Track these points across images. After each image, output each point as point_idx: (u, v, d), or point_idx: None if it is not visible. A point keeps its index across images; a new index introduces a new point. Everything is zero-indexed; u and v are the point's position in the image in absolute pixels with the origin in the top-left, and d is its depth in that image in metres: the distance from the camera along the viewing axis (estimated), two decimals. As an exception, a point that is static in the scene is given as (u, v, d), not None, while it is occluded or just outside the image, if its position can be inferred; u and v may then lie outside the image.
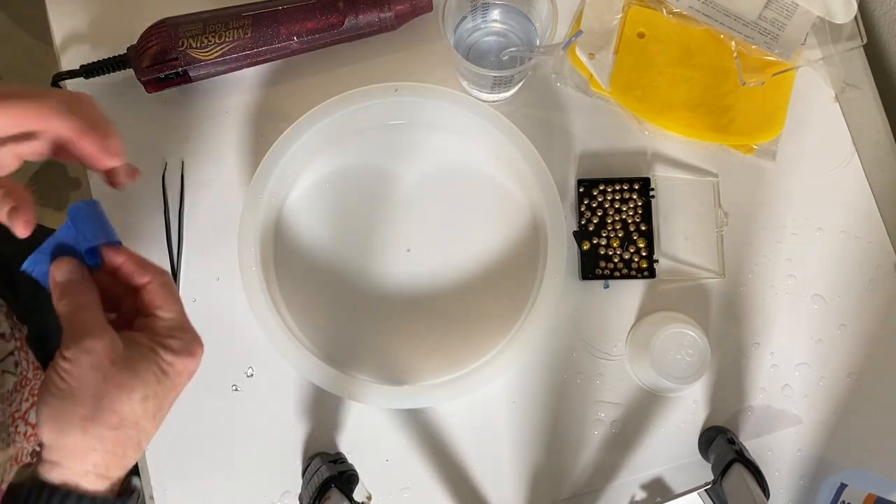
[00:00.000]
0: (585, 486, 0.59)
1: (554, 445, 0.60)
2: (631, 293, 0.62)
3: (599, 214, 0.62)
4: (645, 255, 0.61)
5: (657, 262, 0.61)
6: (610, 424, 0.60)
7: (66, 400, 0.35)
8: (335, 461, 0.56)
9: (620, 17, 0.65)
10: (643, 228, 0.61)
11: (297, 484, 0.58)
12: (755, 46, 0.63)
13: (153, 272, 0.40)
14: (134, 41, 0.60)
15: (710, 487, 0.57)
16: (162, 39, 0.58)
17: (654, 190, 0.62)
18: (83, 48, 0.64)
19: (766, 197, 0.64)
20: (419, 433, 0.60)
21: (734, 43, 0.63)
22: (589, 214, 0.62)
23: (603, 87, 0.63)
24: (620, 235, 0.61)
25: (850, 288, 0.62)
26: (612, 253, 0.61)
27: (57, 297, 0.38)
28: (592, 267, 0.61)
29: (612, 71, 0.64)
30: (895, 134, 0.66)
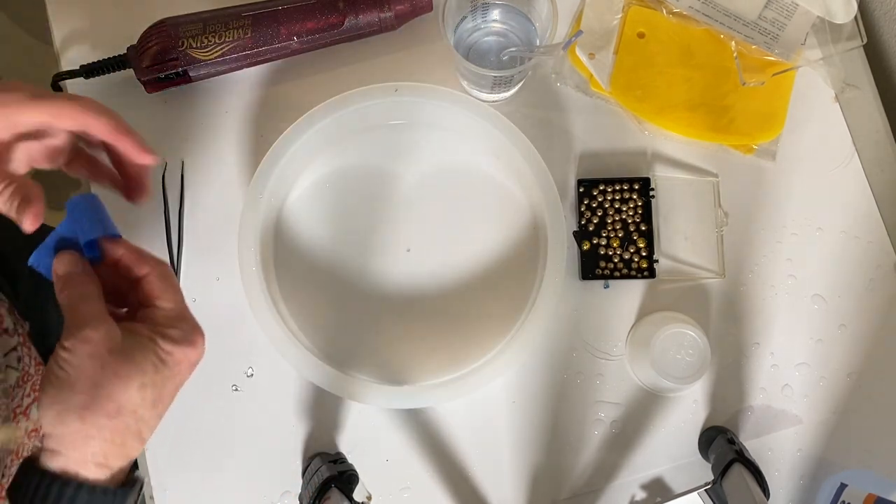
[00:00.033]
0: (585, 486, 0.59)
1: (554, 445, 0.60)
2: (631, 293, 0.62)
3: (599, 214, 0.62)
4: (645, 255, 0.61)
5: (657, 262, 0.61)
6: (610, 424, 0.60)
7: (64, 389, 0.35)
8: (335, 461, 0.56)
9: (620, 17, 0.65)
10: (643, 228, 0.61)
11: (297, 484, 0.58)
12: (755, 46, 0.63)
13: (152, 263, 0.40)
14: (134, 41, 0.60)
15: (710, 487, 0.57)
16: (162, 39, 0.58)
17: (654, 190, 0.62)
18: (83, 48, 0.64)
19: (766, 197, 0.64)
20: (419, 433, 0.60)
21: (734, 43, 0.63)
22: (589, 214, 0.62)
23: (603, 87, 0.63)
24: (620, 235, 0.61)
25: (850, 288, 0.62)
26: (612, 253, 0.61)
27: (58, 289, 0.38)
28: (592, 267, 0.61)
29: (612, 71, 0.64)
30: (895, 134, 0.66)
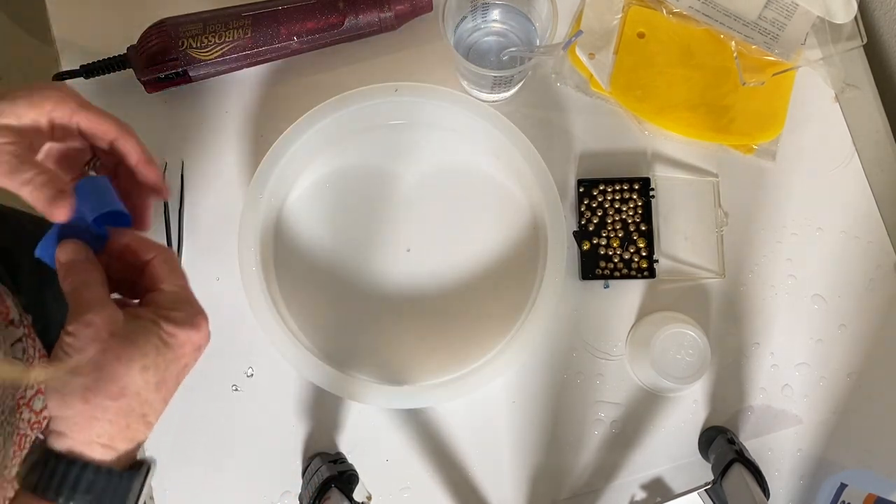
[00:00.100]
0: (585, 486, 0.59)
1: (554, 445, 0.60)
2: (631, 293, 0.62)
3: (599, 214, 0.62)
4: (645, 255, 0.61)
5: (657, 262, 0.61)
6: (610, 424, 0.60)
7: (68, 372, 0.36)
8: (335, 461, 0.56)
9: (620, 17, 0.65)
10: (643, 228, 0.61)
11: (297, 484, 0.58)
12: (755, 46, 0.63)
13: (158, 248, 0.41)
14: (134, 41, 0.60)
15: (710, 487, 0.57)
16: (162, 39, 0.58)
17: (654, 190, 0.62)
18: (83, 48, 0.64)
19: (766, 197, 0.64)
20: (419, 433, 0.60)
21: (734, 43, 0.63)
22: (589, 214, 0.62)
23: (603, 87, 0.63)
24: (620, 235, 0.61)
25: (850, 288, 0.62)
26: (612, 253, 0.61)
27: (62, 277, 0.39)
28: (592, 267, 0.61)
29: (612, 71, 0.64)
30: (895, 134, 0.66)
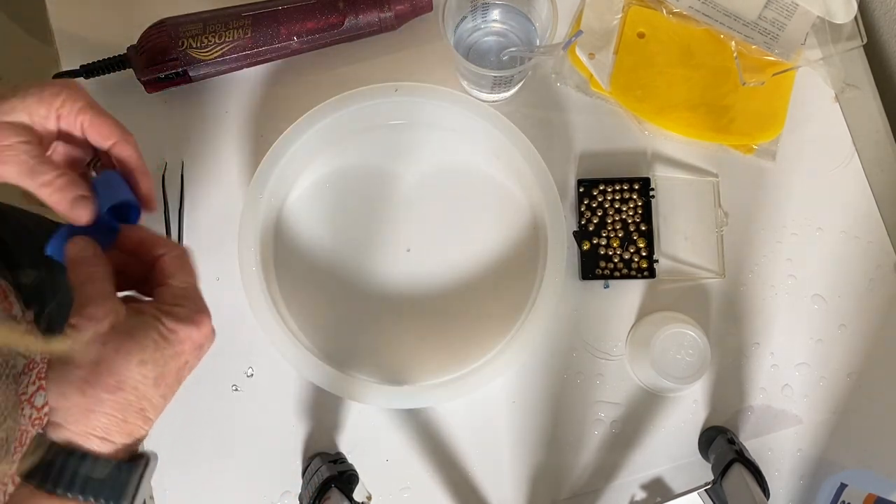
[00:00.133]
0: (585, 486, 0.59)
1: (554, 445, 0.60)
2: (631, 293, 0.62)
3: (599, 214, 0.62)
4: (645, 255, 0.61)
5: (657, 262, 0.61)
6: (610, 424, 0.60)
7: (67, 364, 0.36)
8: (335, 461, 0.56)
9: (620, 17, 0.65)
10: (643, 228, 0.61)
11: (297, 484, 0.58)
12: (755, 46, 0.63)
13: (170, 245, 0.42)
14: (134, 41, 0.60)
15: (710, 487, 0.57)
16: (162, 39, 0.58)
17: (654, 190, 0.62)
18: (83, 48, 0.64)
19: (766, 197, 0.64)
20: (419, 433, 0.60)
21: (734, 43, 0.63)
22: (589, 214, 0.62)
23: (603, 87, 0.63)
24: (620, 235, 0.61)
25: (850, 288, 0.62)
26: (612, 253, 0.61)
27: (69, 271, 0.40)
28: (592, 267, 0.61)
29: (612, 71, 0.64)
30: (895, 134, 0.66)
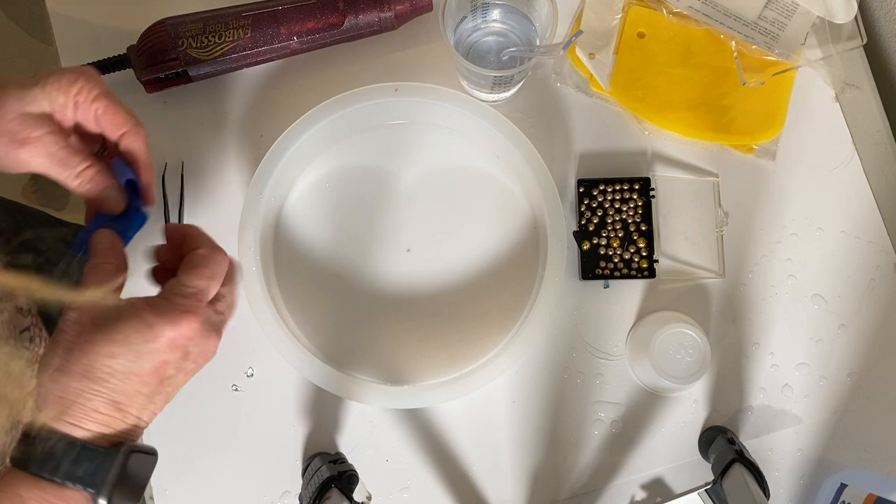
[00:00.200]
0: (585, 486, 0.59)
1: (554, 445, 0.60)
2: (631, 293, 0.62)
3: (599, 214, 0.62)
4: (645, 255, 0.61)
5: (657, 262, 0.61)
6: (610, 424, 0.60)
7: (48, 351, 0.38)
8: (335, 461, 0.56)
9: (620, 17, 0.65)
10: (643, 228, 0.61)
11: (297, 484, 0.58)
12: (755, 46, 0.63)
13: (204, 244, 0.42)
14: (134, 41, 0.60)
15: (710, 487, 0.57)
16: (162, 39, 0.58)
17: (654, 190, 0.62)
18: (83, 48, 0.64)
19: (766, 197, 0.64)
20: (419, 433, 0.60)
21: (734, 43, 0.63)
22: (589, 214, 0.62)
23: (603, 87, 0.63)
24: (620, 235, 0.61)
25: (850, 288, 0.62)
26: (612, 253, 0.61)
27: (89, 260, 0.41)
28: (592, 267, 0.61)
29: (612, 71, 0.64)
30: (895, 134, 0.66)
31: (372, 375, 0.59)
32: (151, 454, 0.40)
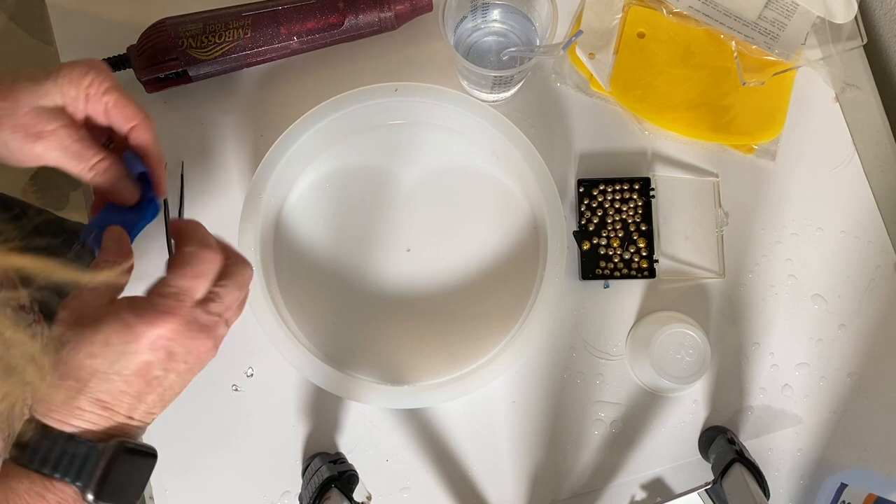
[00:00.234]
0: (585, 486, 0.59)
1: (554, 445, 0.60)
2: (631, 293, 0.62)
3: (599, 214, 0.62)
4: (645, 255, 0.61)
5: (657, 262, 0.61)
6: (610, 424, 0.60)
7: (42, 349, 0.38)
8: (335, 461, 0.56)
9: (620, 17, 0.65)
10: (643, 228, 0.61)
11: (297, 484, 0.58)
12: (755, 46, 0.63)
13: (195, 242, 0.41)
14: (134, 41, 0.60)
15: (710, 487, 0.57)
16: (162, 39, 0.58)
17: (654, 190, 0.62)
18: (83, 48, 0.64)
19: (766, 197, 0.64)
20: (419, 433, 0.60)
21: (734, 43, 0.63)
22: (589, 214, 0.62)
23: (603, 87, 0.63)
24: (620, 235, 0.61)
25: (850, 288, 0.62)
26: (612, 253, 0.61)
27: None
28: (592, 267, 0.61)
29: (612, 71, 0.64)
30: (895, 134, 0.66)
31: (372, 375, 0.59)
32: (148, 453, 0.39)
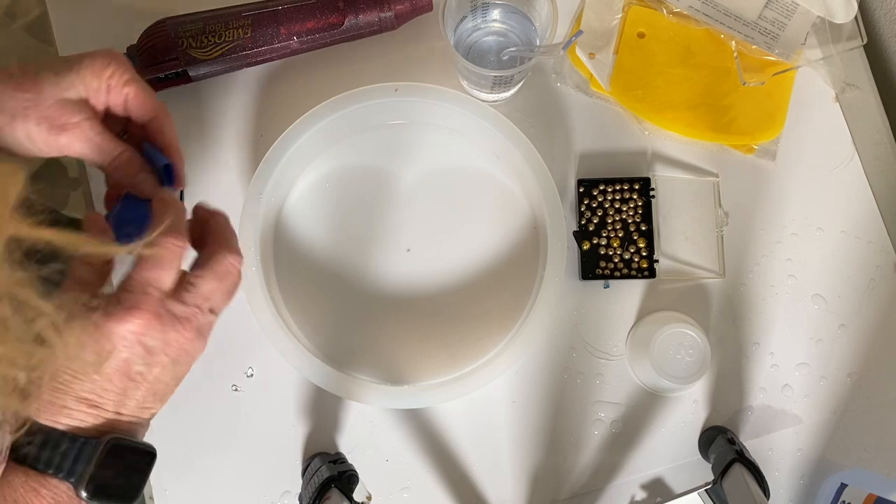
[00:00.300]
0: (585, 486, 0.59)
1: (554, 445, 0.60)
2: (631, 293, 0.62)
3: (599, 214, 0.62)
4: (645, 254, 0.61)
5: (657, 261, 0.61)
6: (610, 424, 0.60)
7: None
8: (335, 461, 0.56)
9: (620, 17, 0.65)
10: (643, 228, 0.61)
11: (297, 484, 0.58)
12: (755, 46, 0.63)
13: (164, 231, 0.39)
14: (134, 41, 0.60)
15: (710, 487, 0.57)
16: (162, 39, 0.58)
17: (654, 190, 0.62)
18: (83, 48, 0.63)
19: (766, 197, 0.64)
20: (419, 433, 0.60)
21: (734, 43, 0.63)
22: (589, 214, 0.62)
23: (603, 87, 0.63)
24: (620, 235, 0.61)
25: (850, 288, 0.62)
26: (612, 253, 0.61)
27: None
28: (592, 267, 0.61)
29: (612, 71, 0.64)
30: (895, 134, 0.66)
31: (372, 375, 0.59)
32: (145, 450, 0.39)
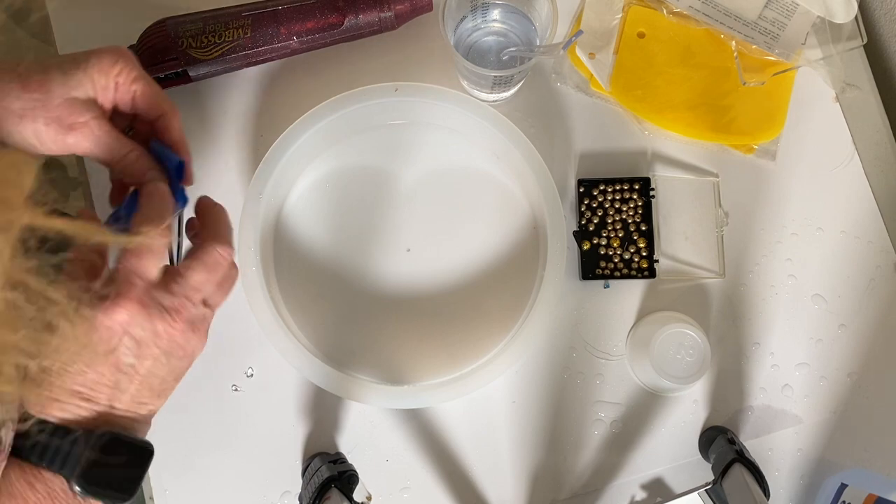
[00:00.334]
0: (585, 486, 0.59)
1: (554, 445, 0.60)
2: (631, 293, 0.62)
3: (599, 214, 0.62)
4: (645, 254, 0.61)
5: (657, 261, 0.61)
6: (610, 424, 0.60)
7: None
8: (335, 461, 0.56)
9: (620, 17, 0.65)
10: (643, 228, 0.61)
11: (297, 484, 0.58)
12: (755, 46, 0.63)
13: (138, 220, 0.40)
14: (134, 41, 0.60)
15: (710, 487, 0.57)
16: (162, 39, 0.58)
17: (654, 190, 0.62)
18: (83, 48, 0.63)
19: (766, 197, 0.64)
20: (419, 433, 0.60)
21: (734, 43, 0.63)
22: (589, 214, 0.62)
23: (603, 87, 0.63)
24: (620, 235, 0.61)
25: (850, 288, 0.62)
26: (612, 253, 0.61)
27: None
28: (592, 267, 0.61)
29: (612, 71, 0.64)
30: (895, 134, 0.66)
31: (372, 375, 0.59)
32: (141, 445, 0.39)
